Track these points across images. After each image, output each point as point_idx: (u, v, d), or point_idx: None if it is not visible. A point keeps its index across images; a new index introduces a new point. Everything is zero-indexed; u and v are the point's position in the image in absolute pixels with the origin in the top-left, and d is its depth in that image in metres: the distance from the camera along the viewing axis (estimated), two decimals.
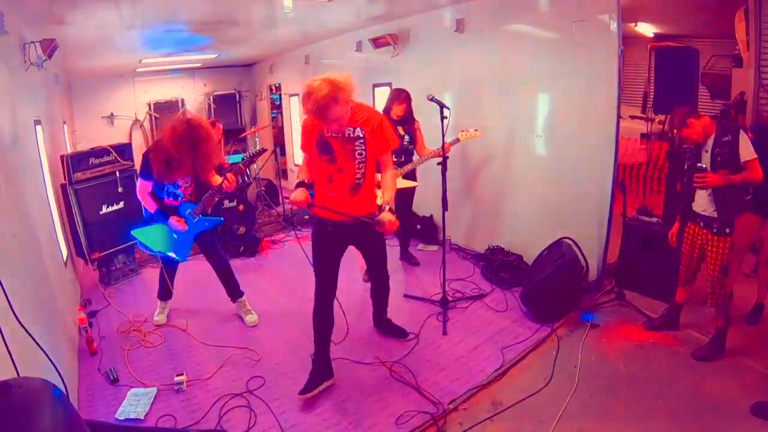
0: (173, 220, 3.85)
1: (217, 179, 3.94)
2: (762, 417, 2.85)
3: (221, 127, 7.29)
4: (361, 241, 3.50)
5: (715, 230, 3.37)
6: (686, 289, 3.80)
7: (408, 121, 4.99)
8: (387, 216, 2.98)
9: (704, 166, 3.28)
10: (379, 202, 3.29)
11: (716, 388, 3.17)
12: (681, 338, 3.76)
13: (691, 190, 3.46)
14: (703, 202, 3.42)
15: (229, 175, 3.80)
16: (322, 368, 3.39)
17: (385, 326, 4.06)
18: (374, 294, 3.94)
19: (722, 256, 3.37)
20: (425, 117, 4.92)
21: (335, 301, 3.42)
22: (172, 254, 3.99)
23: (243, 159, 4.00)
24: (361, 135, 3.13)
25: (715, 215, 3.36)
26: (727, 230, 3.34)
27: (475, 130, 4.85)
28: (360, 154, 3.14)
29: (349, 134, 3.12)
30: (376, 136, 3.15)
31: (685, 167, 3.53)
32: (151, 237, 3.96)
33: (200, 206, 3.91)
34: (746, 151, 3.18)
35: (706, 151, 3.35)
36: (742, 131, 3.23)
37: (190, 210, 3.91)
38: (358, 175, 3.18)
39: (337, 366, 3.58)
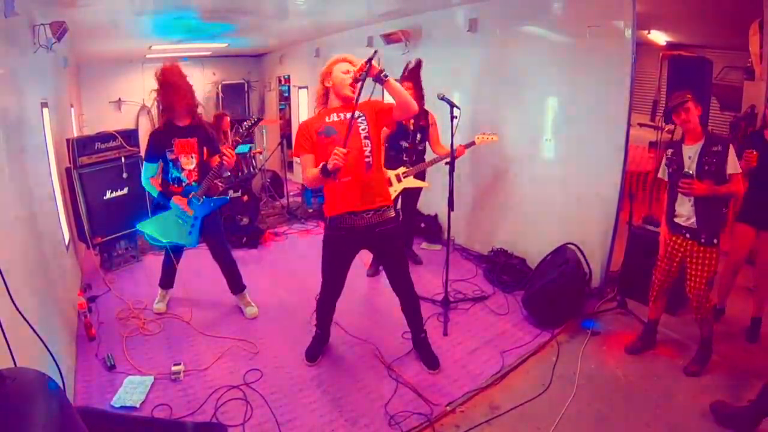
0: (176, 199, 3.84)
1: (216, 160, 3.93)
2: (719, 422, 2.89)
3: (228, 120, 7.31)
4: (377, 247, 3.51)
5: (703, 240, 3.29)
6: (657, 306, 3.72)
7: (418, 116, 4.50)
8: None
9: (691, 172, 3.23)
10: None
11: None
12: (682, 350, 3.72)
13: (673, 199, 3.39)
14: (686, 213, 3.35)
15: (226, 150, 3.75)
16: (324, 337, 3.75)
17: (420, 347, 3.67)
18: (404, 308, 3.60)
19: (708, 268, 3.31)
20: (435, 116, 4.88)
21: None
22: (181, 243, 3.98)
23: (239, 132, 3.97)
24: (361, 115, 3.19)
25: (697, 225, 3.30)
26: (715, 240, 3.28)
27: (494, 134, 4.76)
28: (364, 129, 3.18)
29: (347, 117, 3.13)
30: (372, 110, 3.25)
31: (670, 172, 3.44)
32: (158, 228, 3.94)
33: (203, 187, 3.88)
34: (733, 164, 3.17)
35: (690, 158, 3.29)
36: (731, 144, 3.21)
37: (193, 192, 3.89)
38: (366, 152, 3.18)
39: (336, 363, 3.61)
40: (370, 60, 2.97)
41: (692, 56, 5.34)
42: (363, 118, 3.19)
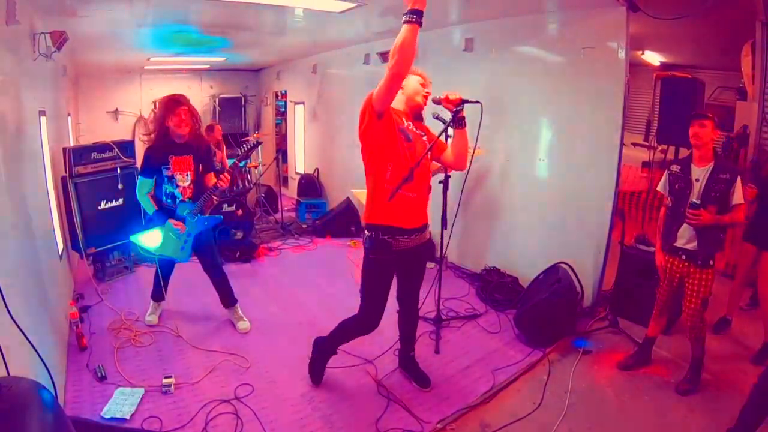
0: (172, 222, 3.87)
1: (212, 179, 3.96)
2: None
3: (220, 129, 7.34)
4: (411, 264, 3.29)
5: (700, 263, 3.34)
6: (659, 323, 3.76)
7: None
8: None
9: (698, 202, 3.25)
10: None
11: (705, 422, 3.15)
12: (673, 369, 3.74)
13: (679, 221, 3.40)
14: (686, 236, 3.38)
15: (222, 174, 3.83)
16: (331, 356, 3.56)
17: (409, 367, 3.65)
18: (402, 321, 3.57)
19: (704, 288, 3.35)
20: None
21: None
22: (174, 257, 3.99)
23: (238, 155, 4.00)
24: (425, 135, 3.15)
25: (697, 249, 3.34)
26: (711, 262, 3.33)
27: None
28: (429, 150, 3.08)
29: (420, 132, 3.13)
30: (433, 138, 3.16)
31: (675, 188, 3.46)
32: (151, 241, 3.96)
33: (198, 205, 3.92)
34: (739, 195, 3.21)
35: (698, 180, 3.32)
36: (739, 175, 3.24)
37: (188, 210, 3.91)
38: (431, 173, 3.14)
39: (327, 379, 3.59)
40: (465, 101, 3.01)
41: (684, 77, 5.42)
42: (427, 139, 3.13)
